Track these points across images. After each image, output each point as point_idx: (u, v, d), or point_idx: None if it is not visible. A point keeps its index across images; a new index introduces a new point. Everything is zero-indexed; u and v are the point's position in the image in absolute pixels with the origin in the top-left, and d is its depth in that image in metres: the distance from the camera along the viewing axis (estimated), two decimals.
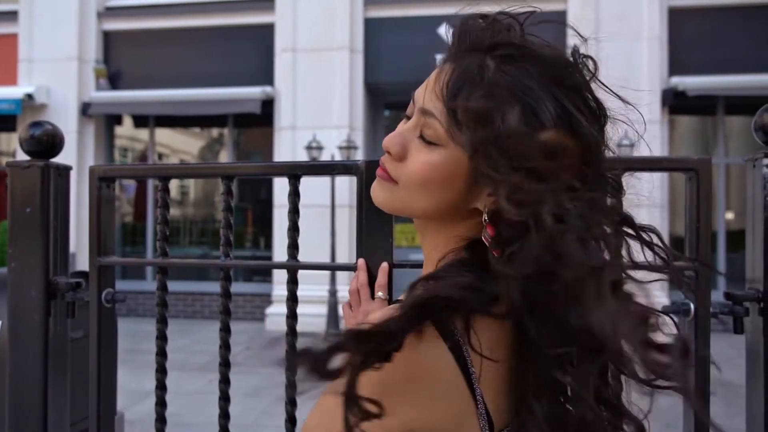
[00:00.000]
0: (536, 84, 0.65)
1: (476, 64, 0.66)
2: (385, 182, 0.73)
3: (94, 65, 8.68)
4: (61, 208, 1.33)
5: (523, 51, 0.68)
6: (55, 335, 1.33)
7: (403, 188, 0.72)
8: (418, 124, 0.71)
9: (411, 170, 0.70)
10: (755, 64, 7.30)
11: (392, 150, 0.71)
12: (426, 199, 0.71)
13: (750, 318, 1.14)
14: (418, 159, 0.70)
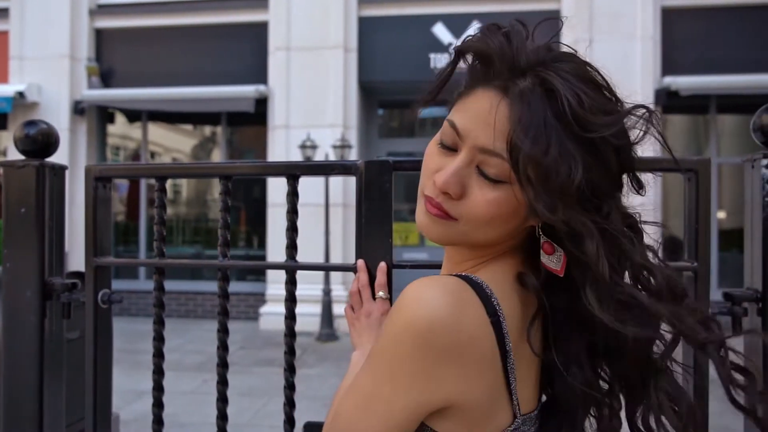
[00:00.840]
0: (597, 137, 0.68)
1: (541, 108, 0.67)
2: (442, 221, 0.73)
3: (86, 63, 8.62)
4: (57, 208, 1.32)
5: (583, 97, 0.69)
6: (51, 336, 1.32)
7: (465, 224, 0.73)
8: (473, 161, 0.71)
9: (475, 209, 0.71)
10: (748, 64, 7.34)
11: (452, 192, 0.71)
12: (490, 232, 0.73)
13: (748, 318, 1.14)
14: (482, 197, 0.71)
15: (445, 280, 0.70)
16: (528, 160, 0.66)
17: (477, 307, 0.68)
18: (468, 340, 0.66)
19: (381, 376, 0.69)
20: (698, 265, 1.12)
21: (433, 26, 7.96)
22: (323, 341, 7.01)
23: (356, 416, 0.70)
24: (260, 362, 6.10)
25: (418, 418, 0.69)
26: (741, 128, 8.73)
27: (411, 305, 0.67)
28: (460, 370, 0.67)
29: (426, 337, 0.65)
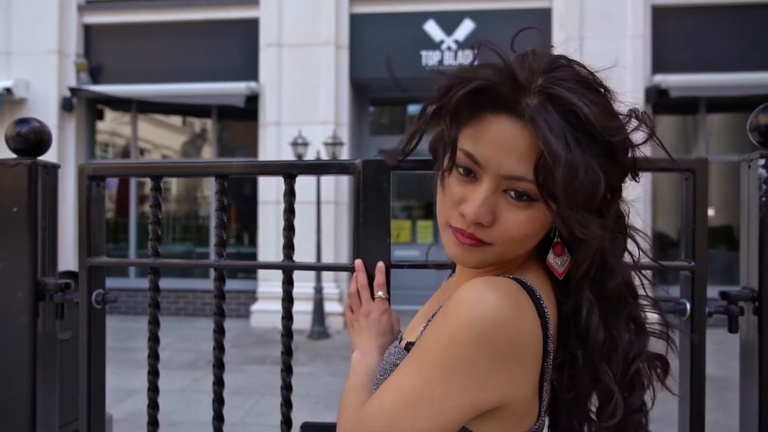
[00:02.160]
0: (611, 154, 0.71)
1: (559, 126, 0.68)
2: (476, 248, 0.75)
3: (74, 59, 8.53)
4: (49, 207, 1.30)
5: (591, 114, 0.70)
6: (44, 337, 1.30)
7: (500, 246, 0.75)
8: (498, 187, 0.72)
9: (509, 232, 0.73)
10: (737, 63, 7.39)
11: (485, 221, 0.72)
12: (524, 247, 0.76)
13: (745, 317, 1.15)
14: (514, 219, 0.72)
15: (502, 282, 0.71)
16: (561, 183, 0.67)
17: (531, 308, 0.70)
18: (526, 341, 0.69)
19: (433, 375, 0.69)
20: (695, 265, 1.12)
21: (424, 23, 7.95)
22: (315, 339, 6.99)
23: (400, 415, 0.70)
24: (251, 360, 6.08)
25: (468, 419, 0.70)
26: (730, 127, 8.80)
27: (474, 306, 0.68)
28: (515, 371, 0.69)
29: (489, 336, 0.66)
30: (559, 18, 7.74)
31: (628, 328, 0.74)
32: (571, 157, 0.67)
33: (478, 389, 0.68)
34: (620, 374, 0.73)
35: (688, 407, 1.15)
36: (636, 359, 0.73)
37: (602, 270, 0.74)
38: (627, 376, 0.73)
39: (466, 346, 0.67)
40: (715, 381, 3.87)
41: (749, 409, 1.15)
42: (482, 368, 0.67)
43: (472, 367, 0.67)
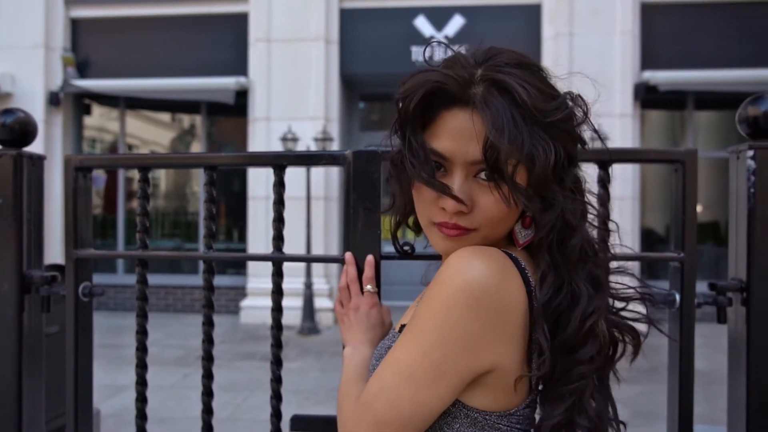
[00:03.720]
0: (546, 125, 0.75)
1: (503, 107, 0.73)
2: (462, 237, 0.79)
3: (61, 53, 8.43)
4: (35, 199, 1.29)
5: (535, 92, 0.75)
6: (30, 330, 1.29)
7: (484, 229, 0.79)
8: (468, 174, 0.77)
9: (489, 212, 0.77)
10: (726, 60, 7.45)
11: (465, 208, 0.76)
12: (506, 225, 0.80)
13: (733, 308, 1.15)
14: (489, 200, 0.77)
15: (489, 250, 0.75)
16: (509, 154, 0.72)
17: (517, 275, 0.74)
18: (514, 305, 0.72)
19: (429, 344, 0.72)
20: (685, 256, 1.13)
21: (414, 19, 7.93)
22: (305, 335, 6.98)
23: (401, 389, 0.72)
24: (241, 356, 6.07)
25: (465, 384, 0.73)
26: (717, 124, 8.87)
27: (463, 271, 0.71)
28: (505, 333, 0.72)
29: (479, 299, 0.70)
30: (548, 14, 7.76)
31: (588, 286, 0.77)
32: (516, 131, 0.72)
33: (472, 352, 0.71)
34: (576, 328, 0.75)
35: (676, 399, 1.16)
36: (592, 315, 0.76)
37: (563, 231, 0.78)
38: (582, 330, 0.76)
39: (458, 310, 0.70)
40: (702, 375, 3.92)
41: (737, 401, 1.16)
42: (474, 331, 0.70)
43: (465, 330, 0.70)
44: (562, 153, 0.76)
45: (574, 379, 0.76)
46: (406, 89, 0.79)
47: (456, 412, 0.75)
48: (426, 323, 0.73)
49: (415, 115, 0.78)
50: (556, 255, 0.78)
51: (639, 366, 3.62)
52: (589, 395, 0.77)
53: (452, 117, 0.77)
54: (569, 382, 0.76)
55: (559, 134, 0.76)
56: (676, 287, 1.15)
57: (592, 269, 0.79)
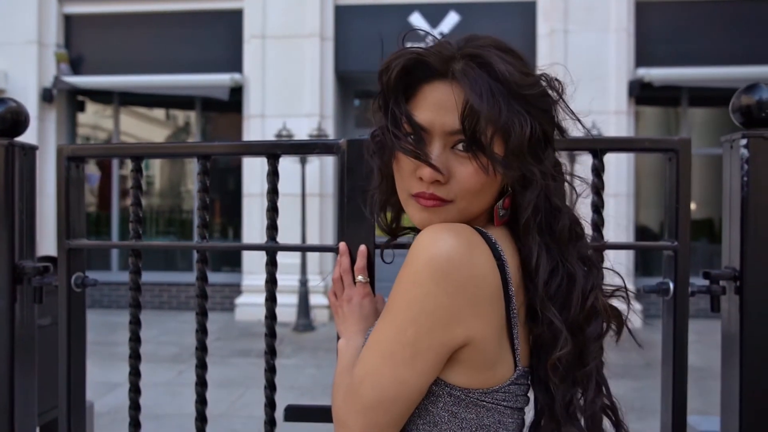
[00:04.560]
0: (523, 100, 0.77)
1: (482, 78, 0.75)
2: (439, 208, 0.79)
3: (54, 49, 8.39)
4: (27, 189, 1.28)
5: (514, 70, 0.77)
6: (22, 321, 1.28)
7: (461, 201, 0.79)
8: (446, 145, 0.78)
9: (465, 183, 0.78)
10: (720, 57, 7.47)
11: (441, 178, 0.77)
12: (484, 199, 0.80)
13: (726, 296, 1.16)
14: (466, 171, 0.77)
15: (454, 225, 0.76)
16: (487, 120, 0.74)
17: (485, 248, 0.75)
18: (482, 277, 0.73)
19: (402, 321, 0.73)
20: (678, 245, 1.13)
21: (409, 16, 7.92)
22: (300, 332, 6.98)
23: (382, 369, 0.74)
24: (236, 353, 6.06)
25: (442, 360, 0.74)
26: (711, 121, 8.90)
27: (428, 247, 0.72)
28: (476, 306, 0.72)
29: (445, 271, 0.71)
30: (543, 11, 7.77)
31: (580, 264, 0.79)
32: (494, 100, 0.74)
33: (444, 325, 0.72)
34: (579, 307, 0.77)
35: (670, 388, 1.16)
36: (592, 291, 0.78)
37: (550, 213, 0.79)
38: (585, 308, 0.77)
39: (427, 285, 0.71)
40: (695, 371, 3.94)
41: (730, 389, 1.16)
42: (444, 304, 0.71)
43: (435, 304, 0.71)
44: (538, 129, 0.77)
45: (589, 359, 0.77)
46: (388, 61, 0.81)
47: (439, 391, 0.76)
48: (398, 302, 0.74)
49: (396, 86, 0.80)
50: (547, 237, 0.79)
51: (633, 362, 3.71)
52: (602, 374, 0.79)
53: (432, 89, 0.78)
54: (585, 363, 0.77)
55: (534, 110, 0.77)
56: (670, 276, 1.15)
57: (582, 248, 0.80)
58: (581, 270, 0.78)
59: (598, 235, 1.15)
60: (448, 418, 0.76)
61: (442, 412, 0.76)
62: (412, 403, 0.75)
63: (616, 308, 0.84)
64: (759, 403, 1.12)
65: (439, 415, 0.76)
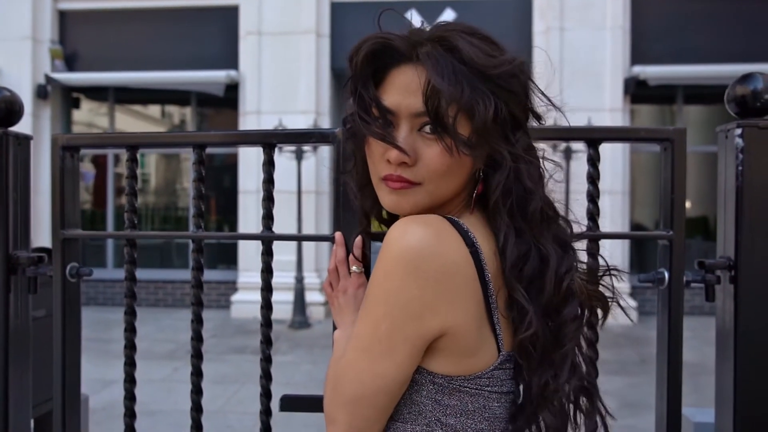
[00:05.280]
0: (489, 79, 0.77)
1: (446, 60, 0.76)
2: (407, 190, 0.79)
3: (49, 46, 8.35)
4: (21, 179, 1.27)
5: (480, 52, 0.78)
6: (16, 312, 1.27)
7: (429, 184, 0.79)
8: (413, 127, 0.78)
9: (432, 165, 0.78)
10: (716, 55, 7.48)
11: (409, 159, 0.77)
12: (452, 182, 0.80)
13: (721, 286, 1.16)
14: (433, 153, 0.77)
15: (423, 217, 0.76)
16: (450, 99, 0.74)
17: (456, 237, 0.75)
18: (452, 265, 0.72)
19: (377, 315, 0.73)
20: (674, 234, 1.13)
21: (405, 13, 7.89)
22: (296, 329, 6.97)
23: (361, 364, 0.74)
24: (232, 350, 6.05)
25: (420, 351, 0.74)
26: (706, 119, 8.93)
27: (398, 241, 0.72)
28: (449, 296, 0.72)
29: (416, 263, 0.71)
30: (539, 8, 7.77)
31: (555, 247, 0.78)
32: (456, 80, 0.74)
33: (418, 317, 0.72)
34: (554, 289, 0.77)
35: (665, 380, 1.16)
36: (567, 274, 0.77)
37: (522, 196, 0.79)
38: (561, 290, 0.77)
39: (398, 279, 0.71)
40: (689, 366, 3.96)
41: (725, 379, 1.16)
42: (416, 296, 0.71)
43: (407, 297, 0.72)
44: (504, 109, 0.77)
45: (565, 341, 0.77)
46: (356, 46, 0.81)
47: (422, 380, 0.76)
48: (372, 296, 0.74)
49: (364, 70, 0.80)
50: (519, 220, 0.78)
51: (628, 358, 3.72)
52: (578, 356, 0.79)
53: (399, 73, 0.79)
54: (561, 345, 0.77)
55: (500, 91, 0.77)
56: (665, 266, 1.16)
57: (557, 231, 0.80)
58: (556, 252, 0.78)
59: (593, 225, 1.16)
60: (432, 406, 0.76)
61: (426, 400, 0.76)
62: (393, 395, 0.76)
63: (601, 292, 0.85)
64: (753, 392, 1.12)
65: (423, 404, 0.77)
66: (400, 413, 0.78)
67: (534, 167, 0.81)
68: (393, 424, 0.78)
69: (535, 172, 0.81)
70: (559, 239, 0.80)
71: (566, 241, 0.80)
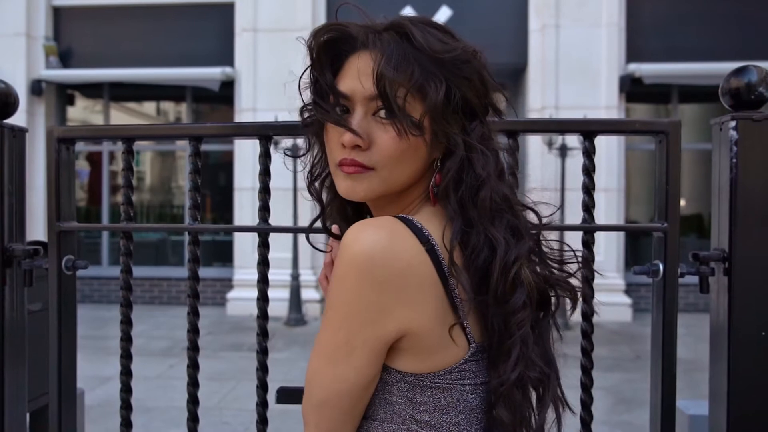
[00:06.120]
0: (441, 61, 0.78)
1: (399, 45, 0.77)
2: (361, 174, 0.79)
3: (43, 42, 8.31)
4: (17, 171, 1.27)
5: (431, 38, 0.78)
6: (12, 305, 1.27)
7: (382, 169, 0.78)
8: (367, 112, 0.78)
9: (386, 149, 0.77)
10: (711, 53, 7.51)
11: (363, 142, 0.77)
12: (407, 169, 0.79)
13: (715, 278, 1.17)
14: (387, 137, 0.77)
15: (376, 220, 0.76)
16: (400, 80, 0.75)
17: (409, 237, 0.74)
18: (406, 267, 0.72)
19: (336, 322, 0.73)
20: (668, 226, 1.14)
21: (401, 10, 7.91)
22: (291, 326, 6.97)
23: (323, 369, 0.75)
24: (228, 347, 6.05)
25: (380, 353, 0.74)
26: (701, 117, 8.95)
27: (351, 246, 0.72)
28: (404, 297, 0.72)
29: (369, 270, 0.71)
30: (535, 6, 7.78)
31: (507, 235, 0.78)
32: (406, 63, 0.75)
33: (375, 322, 0.72)
34: (501, 277, 0.75)
35: (659, 372, 1.17)
36: (515, 263, 0.76)
37: (474, 185, 0.78)
38: (507, 279, 0.76)
39: (352, 285, 0.72)
40: (683, 363, 3.98)
41: (718, 374, 1.17)
42: (371, 301, 0.71)
43: (363, 303, 0.72)
44: (458, 95, 0.78)
45: (513, 330, 0.76)
46: (314, 34, 0.82)
47: (391, 379, 0.77)
48: (330, 302, 0.75)
49: (321, 57, 0.81)
50: (471, 210, 0.78)
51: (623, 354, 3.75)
52: (532, 346, 0.77)
53: (355, 59, 0.80)
54: (510, 334, 0.76)
55: (453, 77, 0.77)
56: (660, 258, 1.16)
57: (510, 220, 0.79)
58: (506, 240, 0.77)
59: (589, 217, 1.16)
60: (405, 404, 0.76)
61: (398, 399, 0.77)
62: (359, 398, 0.76)
63: (569, 283, 0.83)
64: (747, 384, 1.13)
65: (396, 403, 0.77)
66: (376, 413, 0.78)
67: (488, 158, 0.80)
68: (370, 423, 0.78)
69: (490, 163, 0.80)
70: (512, 227, 0.79)
71: (519, 229, 0.79)
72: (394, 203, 0.84)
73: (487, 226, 0.77)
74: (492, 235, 0.77)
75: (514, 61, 7.89)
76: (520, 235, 0.79)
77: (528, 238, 0.79)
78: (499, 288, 0.76)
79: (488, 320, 0.77)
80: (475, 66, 0.80)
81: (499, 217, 0.78)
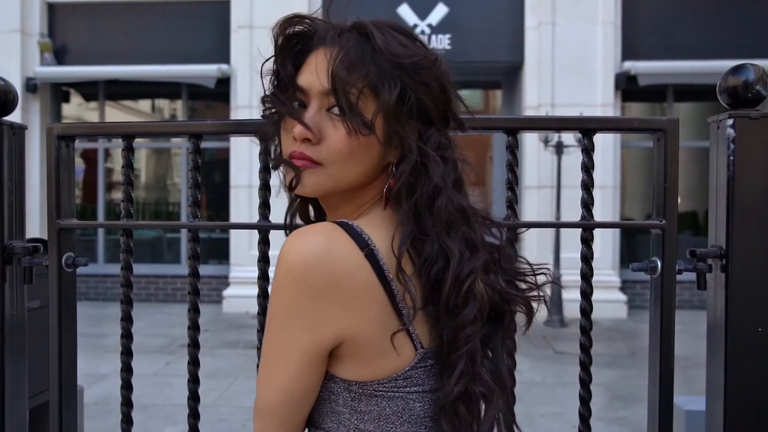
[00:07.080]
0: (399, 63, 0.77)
1: (357, 43, 0.77)
2: (309, 170, 0.78)
3: (38, 39, 8.27)
4: (16, 168, 1.27)
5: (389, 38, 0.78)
6: (12, 303, 1.27)
7: (331, 166, 0.77)
8: (321, 107, 0.78)
9: (335, 145, 0.77)
10: (706, 51, 7.53)
11: (312, 136, 0.76)
12: (356, 168, 0.78)
13: (713, 274, 1.18)
14: (338, 134, 0.76)
15: (313, 227, 0.75)
16: (355, 77, 0.75)
17: (347, 242, 0.73)
18: (343, 273, 0.71)
19: (274, 329, 0.73)
20: (666, 223, 1.15)
21: (398, 7, 7.91)
22: None
23: (265, 375, 0.75)
24: (224, 344, 6.04)
25: (318, 360, 0.74)
26: (697, 115, 8.98)
27: (287, 254, 0.72)
28: (341, 303, 0.72)
29: (305, 277, 0.70)
30: (531, 3, 7.78)
31: (462, 247, 0.76)
32: (362, 62, 0.75)
33: (311, 329, 0.72)
34: (453, 289, 0.74)
35: (657, 368, 1.18)
36: (469, 276, 0.75)
37: (429, 194, 0.77)
38: (460, 292, 0.75)
39: (288, 293, 0.71)
40: (680, 360, 4.00)
41: (715, 370, 1.18)
42: (307, 308, 0.71)
43: (299, 310, 0.71)
44: (413, 98, 0.77)
45: (462, 343, 0.75)
46: (278, 26, 0.82)
47: (336, 388, 0.76)
48: (270, 310, 0.75)
49: (283, 51, 0.82)
50: (426, 218, 0.76)
51: (618, 351, 3.76)
52: (480, 361, 0.76)
53: (316, 55, 0.80)
54: (458, 348, 0.75)
55: (410, 81, 0.77)
56: (658, 255, 1.17)
57: (466, 232, 0.77)
58: (460, 253, 0.75)
59: (588, 214, 1.17)
60: (349, 414, 0.76)
61: (343, 408, 0.76)
62: (297, 406, 0.76)
63: (527, 300, 0.83)
64: (744, 380, 1.14)
65: (341, 413, 0.76)
66: (324, 422, 0.78)
67: (443, 167, 0.78)
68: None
69: (446, 172, 0.78)
70: (467, 240, 0.77)
71: (475, 242, 0.77)
72: (348, 203, 0.82)
73: (442, 236, 0.76)
74: (447, 246, 0.75)
75: (511, 59, 7.90)
76: (475, 248, 0.77)
77: (483, 252, 0.78)
78: (451, 300, 0.75)
79: (439, 329, 0.76)
80: (434, 73, 0.79)
81: (455, 228, 0.77)
